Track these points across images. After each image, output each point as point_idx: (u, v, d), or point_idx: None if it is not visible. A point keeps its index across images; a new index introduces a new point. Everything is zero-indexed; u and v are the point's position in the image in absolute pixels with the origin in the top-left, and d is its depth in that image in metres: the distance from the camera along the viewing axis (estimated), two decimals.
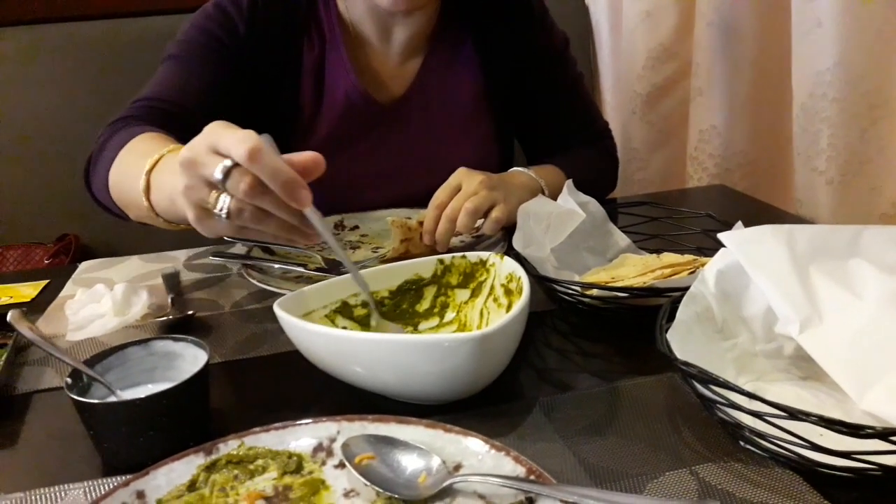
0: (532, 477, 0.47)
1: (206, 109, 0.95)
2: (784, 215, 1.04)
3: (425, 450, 0.51)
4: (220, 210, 0.57)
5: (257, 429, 0.55)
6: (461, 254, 0.74)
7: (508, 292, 0.69)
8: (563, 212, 0.80)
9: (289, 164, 0.57)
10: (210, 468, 0.52)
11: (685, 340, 0.59)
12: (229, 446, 0.54)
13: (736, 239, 0.63)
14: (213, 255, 0.94)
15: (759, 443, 0.50)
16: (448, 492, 0.48)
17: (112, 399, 0.58)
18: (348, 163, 1.09)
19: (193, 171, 0.57)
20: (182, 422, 0.57)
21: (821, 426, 0.45)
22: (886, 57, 0.95)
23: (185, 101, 0.96)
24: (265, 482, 0.52)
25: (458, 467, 0.50)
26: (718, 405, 0.51)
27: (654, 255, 0.80)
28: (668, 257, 0.78)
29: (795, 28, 1.03)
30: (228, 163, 0.55)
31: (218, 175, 0.55)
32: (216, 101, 0.97)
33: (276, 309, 0.65)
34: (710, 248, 0.83)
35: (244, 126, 0.58)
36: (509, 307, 0.68)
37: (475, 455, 0.51)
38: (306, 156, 0.58)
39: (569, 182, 0.88)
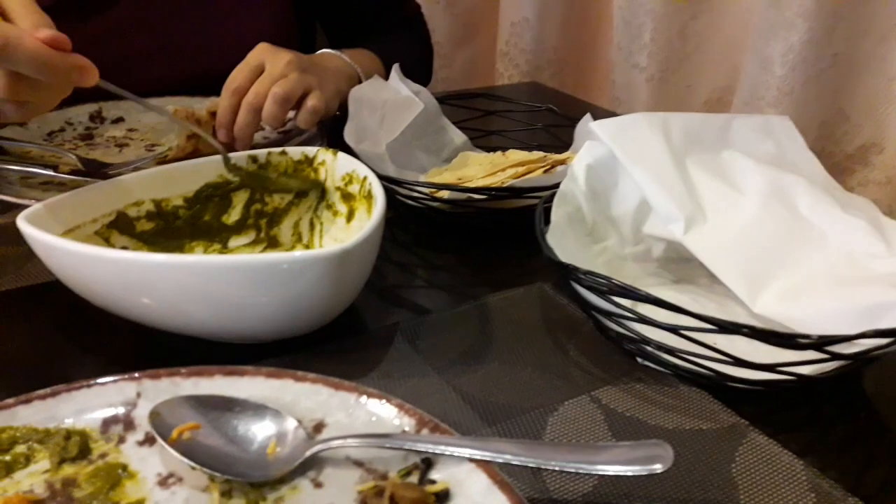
0: (425, 431, 0.36)
1: None
2: (605, 114, 1.01)
3: (272, 408, 0.38)
4: None
5: (10, 400, 0.37)
6: (279, 149, 0.59)
7: (347, 197, 0.56)
8: (400, 100, 0.67)
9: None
10: None
11: (561, 246, 0.51)
12: None
13: (609, 129, 0.55)
14: None
15: (664, 359, 0.44)
16: (311, 463, 0.36)
17: None
18: (103, 32, 0.84)
19: None
20: None
21: (752, 338, 0.39)
22: None
23: None
24: (33, 477, 0.35)
25: (319, 427, 0.38)
26: (621, 319, 0.44)
27: (500, 153, 0.71)
28: (516, 154, 0.70)
29: None
30: None
31: None
32: None
33: (23, 224, 0.46)
34: (553, 144, 0.76)
35: None
36: (350, 216, 0.55)
37: (342, 409, 0.38)
38: (47, 35, 0.45)
39: (396, 66, 0.75)
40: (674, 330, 0.41)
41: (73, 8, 0.81)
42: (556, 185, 0.56)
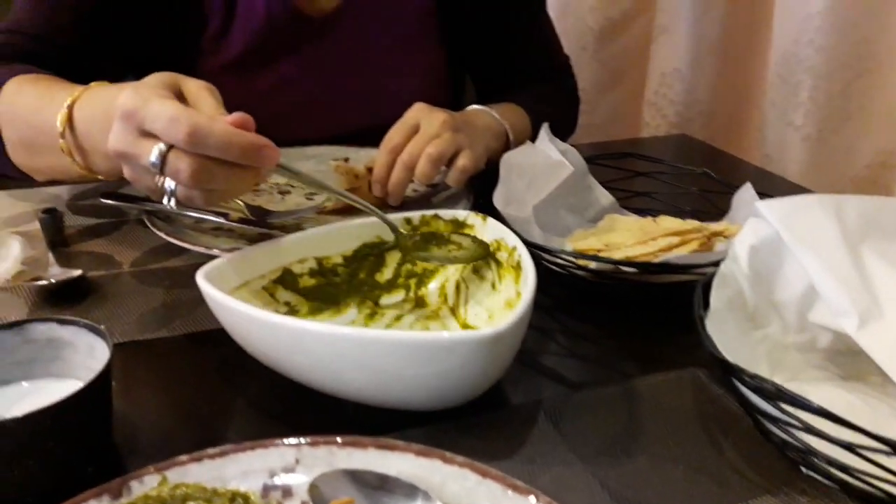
0: None
1: (82, 37, 0.79)
2: (758, 173, 0.96)
3: (422, 490, 0.38)
4: (169, 200, 0.51)
5: (184, 457, 0.40)
6: (433, 212, 0.61)
7: (495, 264, 0.56)
8: (550, 164, 0.67)
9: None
10: None
11: (720, 333, 0.48)
12: (145, 484, 0.39)
13: (778, 210, 0.52)
14: (104, 198, 0.75)
15: (833, 474, 0.41)
16: None
17: None
18: (269, 87, 0.90)
19: (130, 163, 0.52)
20: (75, 447, 0.41)
21: None
22: (879, 2, 0.87)
23: (54, 33, 0.79)
24: None
25: None
26: (788, 426, 0.41)
27: (650, 219, 0.69)
28: (668, 222, 0.68)
29: None
30: (163, 147, 0.49)
31: (154, 160, 0.49)
32: (96, 24, 0.80)
33: (200, 280, 0.49)
34: (706, 210, 0.73)
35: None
36: (495, 283, 0.56)
37: (489, 498, 0.38)
38: (236, 118, 0.50)
39: (546, 126, 0.75)
40: (847, 447, 0.38)
41: (247, 65, 0.87)
42: (714, 264, 0.53)
